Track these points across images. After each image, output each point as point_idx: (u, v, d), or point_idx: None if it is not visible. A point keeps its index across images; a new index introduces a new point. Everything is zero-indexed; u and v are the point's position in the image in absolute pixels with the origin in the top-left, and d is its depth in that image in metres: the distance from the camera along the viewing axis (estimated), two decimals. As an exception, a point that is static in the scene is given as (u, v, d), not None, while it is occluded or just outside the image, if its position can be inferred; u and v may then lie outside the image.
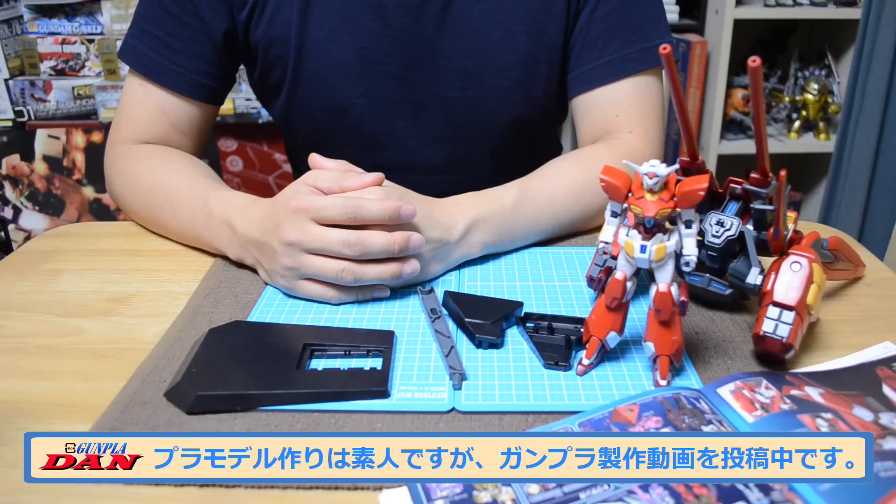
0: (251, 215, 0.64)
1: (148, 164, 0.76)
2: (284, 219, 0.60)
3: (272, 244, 0.61)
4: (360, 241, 0.58)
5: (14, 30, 1.83)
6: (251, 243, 0.64)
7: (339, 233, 0.58)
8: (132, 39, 0.80)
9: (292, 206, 0.60)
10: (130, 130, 0.80)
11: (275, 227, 0.60)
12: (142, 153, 0.78)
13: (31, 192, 1.88)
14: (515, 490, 0.40)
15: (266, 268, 0.63)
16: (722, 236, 0.57)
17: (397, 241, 0.59)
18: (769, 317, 0.52)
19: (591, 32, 0.79)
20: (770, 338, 0.51)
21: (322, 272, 0.59)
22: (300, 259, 0.59)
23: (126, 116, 0.81)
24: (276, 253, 0.61)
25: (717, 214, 0.58)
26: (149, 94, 0.79)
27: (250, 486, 0.42)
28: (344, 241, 0.58)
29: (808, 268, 0.53)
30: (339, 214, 0.58)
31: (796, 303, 0.52)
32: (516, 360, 0.54)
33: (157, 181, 0.74)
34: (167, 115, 0.80)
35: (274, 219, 0.61)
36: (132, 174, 0.76)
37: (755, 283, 0.55)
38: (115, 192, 0.81)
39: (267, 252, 0.62)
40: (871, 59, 1.63)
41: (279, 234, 0.60)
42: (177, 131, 0.81)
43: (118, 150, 0.79)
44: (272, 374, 0.51)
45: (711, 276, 0.59)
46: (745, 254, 0.57)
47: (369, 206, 0.59)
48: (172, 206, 0.72)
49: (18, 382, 0.53)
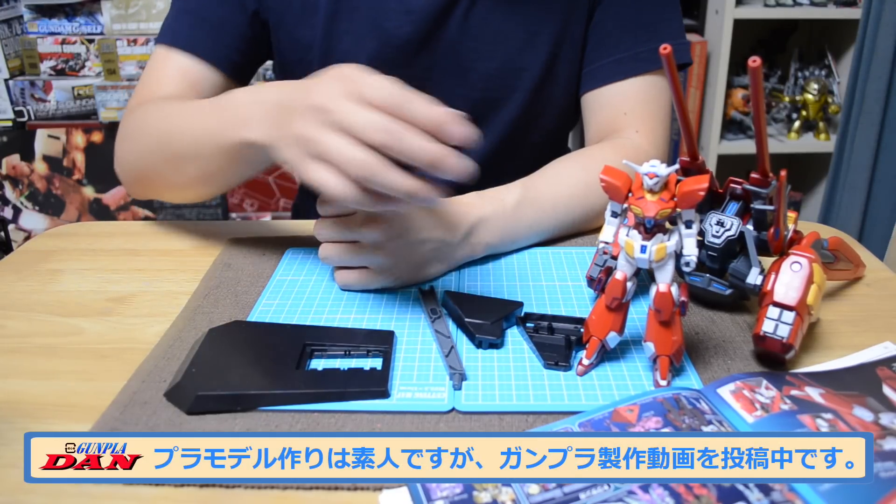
0: (286, 84, 0.56)
1: (150, 108, 0.73)
2: (322, 82, 0.51)
3: (297, 106, 0.51)
4: (394, 128, 0.48)
5: (14, 30, 1.83)
6: (280, 105, 0.54)
7: (373, 114, 0.49)
8: (167, 22, 0.79)
9: (335, 72, 0.52)
10: (146, 92, 0.77)
11: (306, 89, 0.52)
12: (148, 105, 0.74)
13: (31, 192, 1.88)
14: (515, 490, 0.40)
15: (280, 135, 0.53)
16: (722, 236, 0.57)
17: (438, 150, 0.48)
18: (769, 317, 0.52)
19: (604, 29, 0.80)
20: (770, 338, 0.51)
21: (339, 153, 0.48)
22: (321, 131, 0.49)
23: (144, 83, 0.78)
24: (296, 117, 0.51)
25: (718, 214, 0.58)
26: (171, 60, 0.77)
27: (250, 486, 0.42)
28: (381, 123, 0.48)
29: (808, 268, 0.53)
30: (384, 96, 0.49)
31: (796, 303, 0.52)
32: (516, 360, 0.54)
33: (165, 109, 0.70)
34: (186, 76, 0.77)
35: (309, 83, 0.53)
36: (136, 125, 0.73)
37: (755, 284, 0.55)
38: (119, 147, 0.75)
39: (289, 112, 0.52)
40: (871, 59, 1.63)
41: (309, 95, 0.51)
42: (196, 94, 0.76)
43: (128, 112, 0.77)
44: (272, 374, 0.51)
45: (711, 277, 0.59)
46: (745, 254, 0.57)
47: (422, 103, 0.49)
48: (179, 122, 0.66)
49: (18, 382, 0.53)
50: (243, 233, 0.77)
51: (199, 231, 0.78)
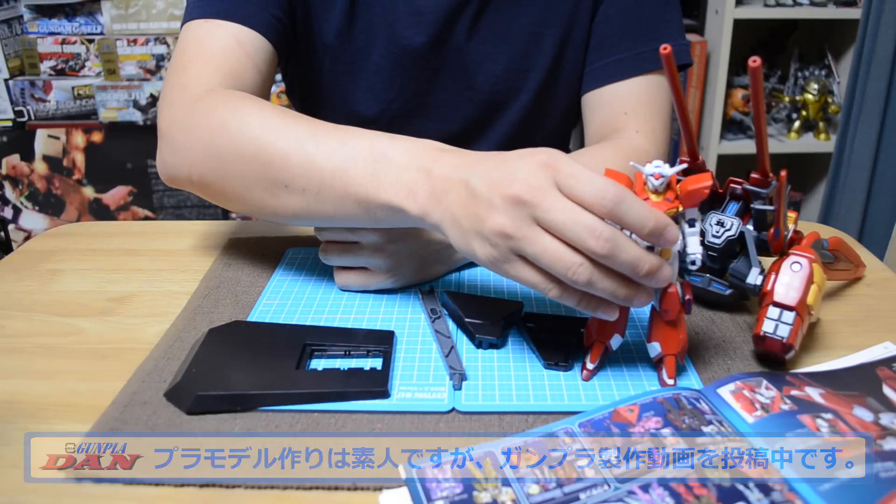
0: (460, 157, 0.51)
1: (255, 106, 0.60)
2: (522, 170, 0.46)
3: (492, 197, 0.46)
4: (613, 237, 0.44)
5: (14, 30, 1.83)
6: (456, 187, 0.49)
7: (590, 215, 0.44)
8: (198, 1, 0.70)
9: (538, 158, 0.46)
10: (201, 68, 0.65)
11: (500, 174, 0.46)
12: (233, 99, 0.61)
13: (31, 192, 1.88)
14: (515, 490, 0.40)
15: (466, 225, 0.48)
16: (722, 236, 0.57)
17: (650, 262, 0.45)
18: (769, 317, 0.52)
19: (606, 29, 0.80)
20: (770, 338, 0.51)
21: (553, 258, 0.45)
22: (527, 229, 0.45)
23: (191, 56, 0.66)
24: (493, 209, 0.46)
25: (718, 214, 0.58)
26: (221, 31, 0.67)
27: (250, 487, 0.42)
28: (594, 228, 0.43)
29: (808, 268, 0.53)
30: (594, 193, 0.44)
31: (796, 303, 0.52)
32: (516, 360, 0.54)
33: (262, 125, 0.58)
34: (243, 46, 0.67)
35: (501, 165, 0.47)
36: (228, 125, 0.59)
37: (755, 284, 0.55)
38: (188, 147, 0.61)
39: (479, 205, 0.47)
40: (871, 59, 1.63)
41: (503, 186, 0.46)
42: (254, 66, 0.68)
43: (195, 93, 0.63)
44: (272, 374, 0.51)
45: (712, 277, 0.59)
46: (745, 254, 0.57)
47: (636, 203, 0.45)
48: (307, 150, 0.56)
49: (18, 382, 0.53)
50: (243, 233, 0.77)
51: (199, 231, 0.78)
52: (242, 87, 0.66)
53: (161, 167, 0.64)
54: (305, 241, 0.74)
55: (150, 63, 1.79)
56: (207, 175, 0.60)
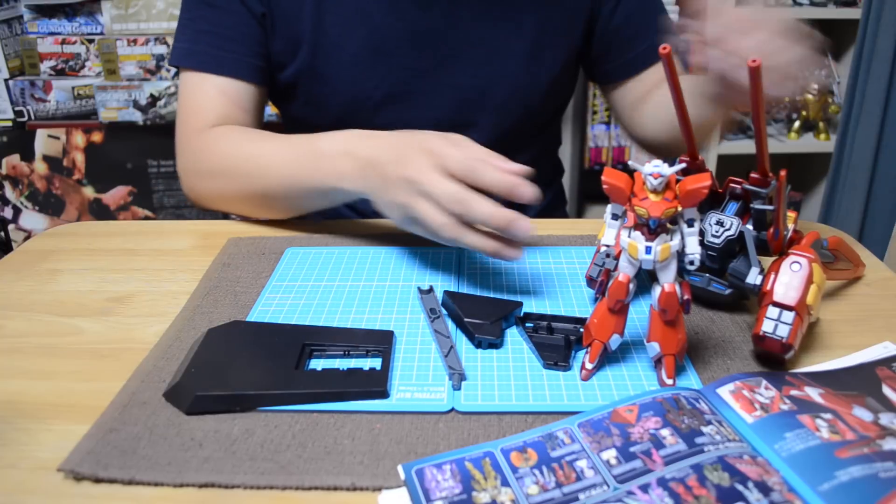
0: (375, 140, 0.65)
1: (227, 139, 0.77)
2: (409, 153, 0.60)
3: (391, 174, 0.61)
4: (465, 199, 0.57)
5: (14, 30, 1.83)
6: (373, 166, 0.64)
7: (451, 185, 0.57)
8: (185, 44, 0.82)
9: (420, 144, 0.60)
10: (196, 119, 0.80)
11: (397, 158, 0.61)
12: (216, 134, 0.78)
13: (31, 192, 1.88)
14: (514, 490, 0.40)
15: (380, 196, 0.63)
16: (721, 236, 0.57)
17: (501, 216, 0.56)
18: (769, 317, 0.52)
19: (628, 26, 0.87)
20: (770, 338, 0.51)
21: (427, 220, 0.59)
22: (412, 199, 0.59)
23: (189, 109, 0.81)
24: (392, 184, 0.61)
25: (717, 214, 0.58)
26: (207, 83, 0.80)
27: (249, 487, 0.42)
28: (452, 194, 0.57)
29: (807, 268, 0.53)
30: (458, 167, 0.58)
31: (796, 303, 0.52)
32: (516, 360, 0.54)
33: (246, 149, 0.75)
34: (229, 96, 0.81)
35: (399, 150, 0.62)
36: (214, 154, 0.77)
37: (755, 283, 0.55)
38: (196, 178, 0.80)
39: (386, 181, 0.62)
40: (871, 59, 1.63)
41: (399, 168, 0.60)
42: (240, 110, 0.82)
43: (190, 141, 0.80)
44: (271, 374, 0.51)
45: (711, 276, 0.59)
46: (744, 254, 0.57)
47: (489, 169, 0.57)
48: (268, 164, 0.72)
49: (18, 382, 0.53)
50: (243, 232, 0.77)
51: (199, 231, 0.78)
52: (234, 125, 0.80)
53: (187, 198, 0.83)
54: (305, 241, 0.74)
55: (150, 63, 1.79)
56: (219, 202, 0.79)
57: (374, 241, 0.74)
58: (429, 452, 0.44)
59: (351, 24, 0.81)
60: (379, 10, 0.80)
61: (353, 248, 0.72)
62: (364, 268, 0.68)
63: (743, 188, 0.56)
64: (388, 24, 0.81)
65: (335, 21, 0.81)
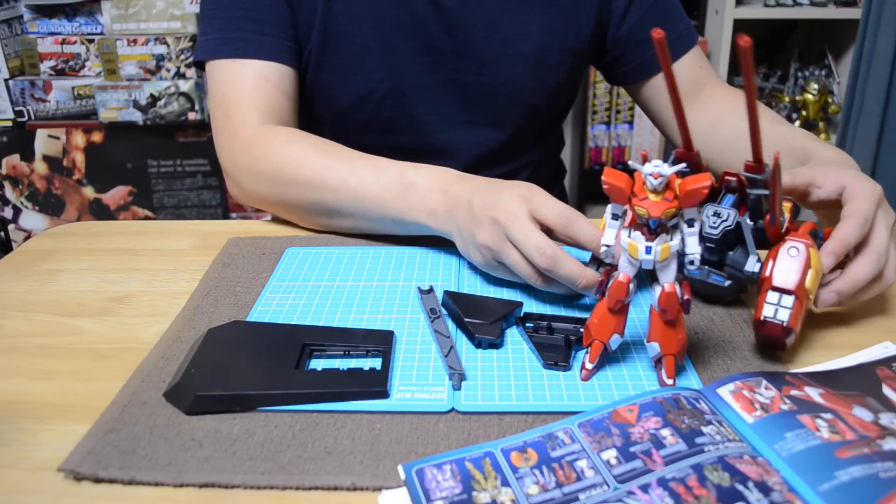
0: (470, 182, 0.65)
1: (296, 145, 0.74)
2: (505, 196, 0.60)
3: (481, 215, 0.60)
4: (554, 255, 0.57)
5: (14, 30, 1.83)
6: (462, 206, 0.63)
7: (541, 237, 0.57)
8: (216, 34, 0.80)
9: (518, 189, 0.60)
10: (241, 110, 0.77)
11: (491, 200, 0.60)
12: (280, 136, 0.75)
13: (31, 192, 1.88)
14: (515, 490, 0.40)
15: (465, 237, 0.63)
16: (719, 227, 0.57)
17: (585, 277, 0.57)
18: (769, 301, 0.52)
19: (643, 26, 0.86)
20: (771, 322, 0.51)
21: (519, 267, 0.59)
22: (501, 244, 0.59)
23: (230, 100, 0.78)
24: (480, 225, 0.60)
25: (714, 206, 0.58)
26: (247, 69, 0.78)
27: (250, 487, 0.42)
28: (540, 247, 0.57)
29: (805, 253, 0.53)
30: (555, 217, 0.58)
31: (795, 287, 0.52)
32: (516, 360, 0.54)
33: (319, 162, 0.72)
34: (271, 81, 0.79)
35: (493, 192, 0.61)
36: (278, 158, 0.73)
37: (753, 271, 0.55)
38: (251, 179, 0.76)
39: (474, 222, 0.61)
40: (871, 59, 1.63)
41: (492, 209, 0.60)
42: (282, 95, 0.80)
43: (239, 135, 0.77)
44: (271, 374, 0.51)
45: (710, 269, 0.59)
46: (742, 245, 0.57)
47: (585, 224, 0.59)
48: (347, 184, 0.70)
49: (18, 382, 0.53)
50: (243, 232, 0.77)
51: (199, 231, 0.78)
52: (279, 116, 0.79)
53: (233, 195, 0.81)
54: (305, 240, 0.74)
55: (150, 63, 1.79)
56: (273, 206, 0.78)
57: (374, 241, 0.74)
58: (429, 452, 0.44)
59: (360, 15, 0.81)
60: (389, 3, 0.81)
61: (353, 248, 0.72)
62: (364, 268, 0.68)
63: (738, 177, 0.56)
64: (396, 17, 0.81)
65: (344, 9, 0.81)
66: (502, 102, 0.87)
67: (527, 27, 0.83)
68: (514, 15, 0.83)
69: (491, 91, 0.86)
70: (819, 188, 0.60)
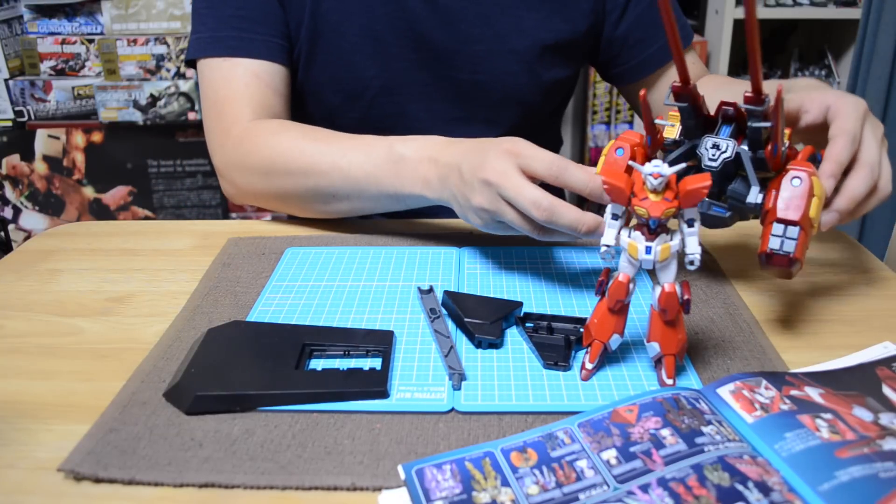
0: (457, 147, 0.64)
1: (283, 135, 0.74)
2: (492, 156, 0.59)
3: (472, 178, 0.60)
4: (550, 206, 0.56)
5: (14, 30, 1.83)
6: (453, 172, 0.62)
7: (535, 191, 0.56)
8: (207, 33, 0.80)
9: (504, 146, 0.59)
10: (233, 108, 0.78)
11: (480, 160, 0.59)
12: (266, 128, 0.75)
13: (31, 192, 1.88)
14: (515, 490, 0.40)
15: (461, 202, 0.62)
16: (718, 159, 0.55)
17: (586, 223, 0.56)
18: (774, 234, 0.52)
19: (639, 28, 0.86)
20: (777, 254, 0.52)
21: (518, 224, 0.59)
22: (496, 203, 0.58)
23: (222, 98, 0.78)
24: (473, 189, 0.60)
25: (712, 138, 0.56)
26: (238, 68, 0.78)
27: (249, 487, 0.42)
28: (536, 201, 0.56)
29: (808, 181, 0.53)
30: (545, 168, 0.57)
31: (800, 217, 0.52)
32: (516, 360, 0.54)
33: (308, 148, 0.72)
34: (262, 80, 0.79)
35: (482, 152, 0.60)
36: (268, 150, 0.73)
37: (756, 202, 0.55)
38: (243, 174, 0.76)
39: (466, 187, 0.61)
40: (871, 59, 1.63)
41: (481, 170, 0.59)
42: (274, 93, 0.80)
43: (230, 133, 0.77)
44: (271, 374, 0.51)
45: (710, 200, 0.58)
46: (742, 175, 0.56)
47: (576, 170, 0.56)
48: (338, 165, 0.70)
49: (17, 382, 0.53)
50: (243, 232, 0.77)
51: (199, 231, 0.78)
52: (271, 114, 0.79)
53: (227, 194, 0.81)
54: (305, 240, 0.74)
55: (150, 63, 1.79)
56: (268, 200, 0.77)
57: (374, 241, 0.74)
58: (429, 452, 0.44)
59: (350, 11, 0.80)
60: (380, 0, 0.80)
61: (353, 248, 0.72)
62: (364, 268, 0.68)
63: (736, 108, 0.55)
64: (388, 14, 0.81)
65: (333, 6, 0.80)
66: (496, 100, 0.86)
67: (521, 23, 0.83)
68: (508, 11, 0.83)
69: (484, 88, 0.85)
70: (807, 112, 0.60)
